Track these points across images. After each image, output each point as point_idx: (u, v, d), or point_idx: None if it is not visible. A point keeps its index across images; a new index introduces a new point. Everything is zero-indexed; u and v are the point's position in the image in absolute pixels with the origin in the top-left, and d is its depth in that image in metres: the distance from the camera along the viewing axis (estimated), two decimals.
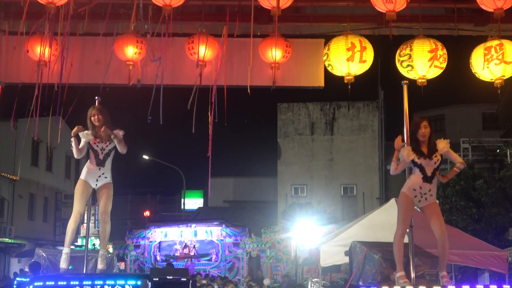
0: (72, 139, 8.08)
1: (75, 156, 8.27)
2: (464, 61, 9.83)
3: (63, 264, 8.00)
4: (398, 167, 7.85)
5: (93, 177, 8.11)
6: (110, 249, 23.26)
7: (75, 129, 8.08)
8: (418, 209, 8.12)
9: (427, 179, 7.69)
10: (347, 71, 9.76)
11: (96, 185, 8.14)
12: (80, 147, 8.18)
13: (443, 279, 7.59)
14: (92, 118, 8.16)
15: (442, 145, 7.77)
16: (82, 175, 8.17)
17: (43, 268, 15.85)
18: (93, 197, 8.39)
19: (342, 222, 25.44)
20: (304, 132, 40.34)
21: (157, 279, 7.26)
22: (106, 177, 8.15)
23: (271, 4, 8.96)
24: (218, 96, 9.44)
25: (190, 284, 7.37)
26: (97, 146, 8.10)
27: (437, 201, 7.98)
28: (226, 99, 9.38)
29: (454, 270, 17.57)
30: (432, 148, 7.74)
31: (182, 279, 7.57)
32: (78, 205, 8.08)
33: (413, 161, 7.73)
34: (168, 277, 7.44)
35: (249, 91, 9.79)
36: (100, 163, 8.11)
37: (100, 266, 8.20)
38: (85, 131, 8.19)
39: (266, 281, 23.19)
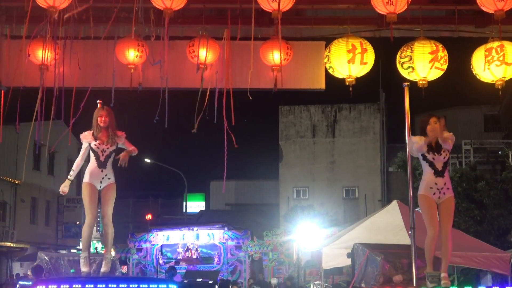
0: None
1: (79, 162, 8.34)
2: (465, 62, 9.82)
3: (84, 268, 8.01)
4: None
5: (97, 179, 8.09)
6: (112, 253, 23.27)
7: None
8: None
9: (438, 173, 7.80)
10: (348, 73, 9.75)
11: (100, 186, 8.12)
12: (82, 153, 8.24)
13: (441, 281, 7.63)
14: (99, 118, 8.14)
15: (446, 134, 7.84)
16: (86, 178, 8.13)
17: (46, 271, 15.84)
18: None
19: (344, 224, 25.49)
20: (305, 134, 40.34)
21: (186, 281, 7.30)
22: (109, 178, 8.14)
23: (272, 7, 8.96)
24: (220, 99, 9.44)
25: (216, 286, 7.41)
26: (98, 148, 8.09)
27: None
28: (224, 102, 9.38)
29: (457, 271, 17.58)
30: (440, 144, 7.83)
31: (209, 282, 7.60)
32: (90, 209, 8.04)
33: (423, 155, 7.79)
34: (197, 280, 7.48)
35: (249, 95, 9.75)
36: (102, 165, 8.09)
37: (103, 268, 8.20)
38: (86, 132, 8.21)
39: (274, 280, 23.23)
